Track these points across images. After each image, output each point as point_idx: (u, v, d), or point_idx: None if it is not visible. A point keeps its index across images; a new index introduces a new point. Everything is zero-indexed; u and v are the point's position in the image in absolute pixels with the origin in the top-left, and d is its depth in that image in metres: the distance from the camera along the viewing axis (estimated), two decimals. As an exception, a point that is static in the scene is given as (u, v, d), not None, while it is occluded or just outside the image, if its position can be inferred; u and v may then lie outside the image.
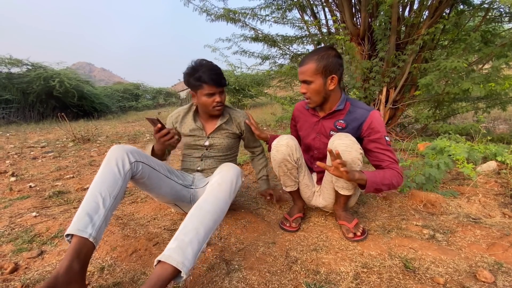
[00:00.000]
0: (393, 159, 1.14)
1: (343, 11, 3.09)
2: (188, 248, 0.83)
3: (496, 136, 2.92)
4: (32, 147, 3.65)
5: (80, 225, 0.83)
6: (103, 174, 0.96)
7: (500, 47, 2.51)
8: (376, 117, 1.15)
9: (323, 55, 1.12)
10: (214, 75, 1.23)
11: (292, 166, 1.25)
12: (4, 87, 7.57)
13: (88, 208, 0.88)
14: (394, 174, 1.10)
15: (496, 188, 1.74)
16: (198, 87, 1.24)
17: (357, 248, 1.13)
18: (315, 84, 1.14)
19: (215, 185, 1.00)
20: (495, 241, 1.15)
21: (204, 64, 1.25)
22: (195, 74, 1.23)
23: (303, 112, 1.35)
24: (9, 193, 1.83)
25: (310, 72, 1.12)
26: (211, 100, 1.27)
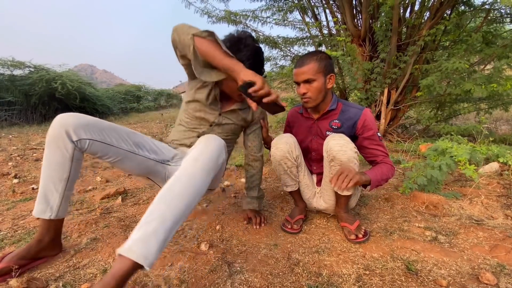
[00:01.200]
0: (385, 153, 1.24)
1: (344, 13, 3.10)
2: (151, 239, 0.72)
3: (499, 137, 2.92)
4: (35, 148, 3.66)
5: (39, 209, 0.96)
6: (50, 157, 0.92)
7: (502, 48, 2.50)
8: (369, 115, 1.22)
9: (321, 56, 1.17)
10: (258, 64, 1.11)
11: (292, 163, 1.26)
12: (7, 89, 7.61)
13: (44, 192, 0.96)
14: (389, 168, 1.20)
15: (499, 189, 1.74)
16: None
17: (359, 250, 1.13)
18: (318, 83, 1.17)
19: (190, 161, 0.85)
20: (498, 243, 1.14)
21: (250, 46, 1.08)
22: (238, 54, 1.04)
23: (297, 117, 1.38)
24: (12, 195, 1.83)
25: (313, 71, 1.15)
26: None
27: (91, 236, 1.23)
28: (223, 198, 1.73)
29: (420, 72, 2.87)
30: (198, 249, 1.13)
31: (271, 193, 1.78)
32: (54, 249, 1.05)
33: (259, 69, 1.13)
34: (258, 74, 0.98)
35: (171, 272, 0.99)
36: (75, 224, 1.32)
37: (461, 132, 2.70)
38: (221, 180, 1.42)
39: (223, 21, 3.36)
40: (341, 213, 1.30)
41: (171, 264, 1.03)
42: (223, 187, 1.92)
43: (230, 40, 1.10)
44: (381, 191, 1.79)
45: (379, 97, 3.06)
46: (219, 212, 1.48)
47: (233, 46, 1.07)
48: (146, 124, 6.95)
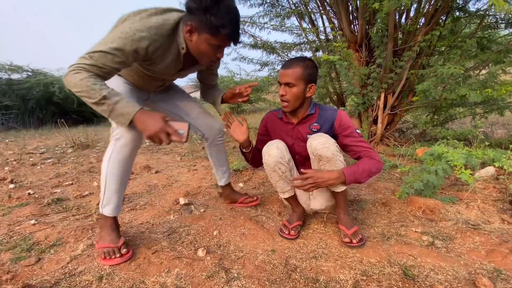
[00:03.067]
0: (367, 148, 1.22)
1: (340, 19, 3.13)
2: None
3: (494, 141, 2.94)
4: (31, 153, 3.64)
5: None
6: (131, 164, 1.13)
7: (496, 53, 2.54)
8: (343, 114, 1.26)
9: (308, 64, 1.19)
10: (237, 29, 1.02)
11: (286, 167, 1.27)
12: (4, 93, 7.59)
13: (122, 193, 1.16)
14: (372, 162, 1.18)
15: (495, 193, 1.75)
16: (209, 31, 0.97)
17: (356, 255, 1.13)
18: (297, 89, 1.19)
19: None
20: (494, 247, 1.15)
21: (232, 8, 0.97)
22: (217, 16, 0.93)
23: (276, 121, 1.38)
24: (8, 200, 1.82)
25: (296, 76, 1.17)
26: (213, 52, 1.04)
27: (87, 242, 1.22)
28: (220, 203, 1.73)
29: (416, 77, 2.89)
30: (195, 255, 1.12)
31: (269, 197, 1.78)
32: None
33: (237, 34, 1.03)
34: (236, 40, 1.04)
35: (168, 279, 0.99)
36: (71, 230, 1.31)
37: (457, 136, 2.72)
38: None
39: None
40: (341, 215, 1.30)
41: (168, 271, 1.03)
42: (220, 192, 1.91)
43: None
44: (378, 195, 1.80)
45: (376, 102, 3.09)
46: (216, 218, 1.48)
47: (214, 5, 0.93)
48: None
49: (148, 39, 0.95)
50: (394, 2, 2.10)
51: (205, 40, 0.99)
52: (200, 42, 1.00)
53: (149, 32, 0.94)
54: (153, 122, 0.93)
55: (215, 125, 1.46)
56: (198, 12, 0.94)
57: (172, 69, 1.14)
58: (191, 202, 1.74)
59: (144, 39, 0.94)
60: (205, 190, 1.99)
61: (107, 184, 1.11)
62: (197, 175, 2.34)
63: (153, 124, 0.93)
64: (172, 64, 1.11)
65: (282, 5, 3.63)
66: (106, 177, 1.11)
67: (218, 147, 1.53)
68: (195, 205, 1.70)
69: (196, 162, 2.88)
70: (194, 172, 2.45)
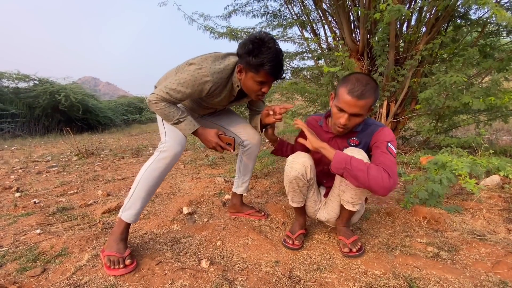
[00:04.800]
0: (386, 162, 1.02)
1: (342, 28, 3.17)
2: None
3: (499, 149, 2.92)
4: (37, 161, 3.69)
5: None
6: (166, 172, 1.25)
7: (498, 61, 2.54)
8: (385, 130, 1.16)
9: (376, 88, 1.07)
10: (278, 67, 1.16)
11: (304, 184, 1.24)
12: (11, 102, 7.73)
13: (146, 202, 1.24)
14: (378, 168, 0.99)
15: (500, 203, 1.73)
16: (253, 70, 1.15)
17: (360, 267, 1.12)
18: (362, 118, 1.11)
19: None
20: (500, 259, 1.14)
21: (272, 49, 1.13)
22: (258, 57, 1.12)
23: (316, 127, 1.33)
24: (13, 209, 1.84)
25: (367, 107, 1.06)
26: (258, 88, 1.21)
27: (92, 252, 1.23)
28: (223, 212, 1.73)
29: (419, 85, 2.90)
30: (198, 266, 1.12)
31: (272, 207, 1.78)
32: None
33: (278, 72, 1.18)
34: (278, 76, 1.20)
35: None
36: (76, 240, 1.32)
37: (461, 144, 2.70)
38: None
39: (225, 37, 3.45)
40: (340, 226, 1.30)
41: (172, 282, 1.03)
42: (224, 201, 1.92)
43: (253, 42, 1.13)
44: (382, 204, 1.79)
45: (379, 110, 3.09)
46: (219, 228, 1.48)
47: (255, 48, 1.12)
48: (148, 136, 6.99)
49: (212, 82, 1.18)
50: (394, 13, 2.13)
51: (251, 77, 1.18)
52: (247, 79, 1.20)
53: (212, 77, 1.17)
54: (211, 138, 1.27)
55: (256, 136, 1.57)
56: (245, 55, 1.15)
57: (225, 102, 1.36)
58: (194, 212, 1.74)
59: (208, 82, 1.17)
60: (208, 199, 1.99)
61: (137, 189, 1.20)
62: (200, 184, 2.35)
63: (211, 140, 1.27)
64: (226, 98, 1.32)
65: (285, 15, 3.69)
66: (139, 182, 1.20)
67: (250, 156, 1.61)
68: (198, 215, 1.71)
69: (199, 170, 2.89)
70: (197, 181, 2.46)
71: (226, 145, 1.28)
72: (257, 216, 1.63)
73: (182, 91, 1.16)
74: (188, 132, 1.25)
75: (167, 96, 1.17)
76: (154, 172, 1.20)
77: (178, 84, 1.16)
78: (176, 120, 1.22)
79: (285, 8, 3.66)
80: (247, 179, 1.66)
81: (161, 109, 1.19)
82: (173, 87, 1.16)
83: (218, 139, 1.27)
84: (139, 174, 1.21)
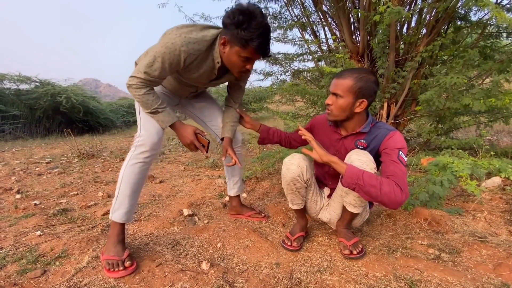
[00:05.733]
0: (397, 173, 1.00)
1: (342, 30, 3.18)
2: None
3: (500, 150, 2.91)
4: (38, 162, 3.69)
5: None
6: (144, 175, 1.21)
7: (499, 63, 2.54)
8: (397, 135, 1.12)
9: (363, 77, 1.10)
10: (266, 44, 1.08)
11: (302, 185, 1.25)
12: (12, 103, 7.76)
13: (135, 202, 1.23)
14: (390, 183, 0.97)
15: (502, 204, 1.73)
16: (239, 44, 1.06)
17: (361, 269, 1.12)
18: (344, 101, 1.12)
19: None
20: (502, 261, 1.13)
21: (262, 24, 1.04)
22: (247, 30, 1.02)
23: (325, 126, 1.32)
24: (14, 211, 1.84)
25: (344, 87, 1.10)
26: (243, 64, 1.13)
27: (92, 254, 1.22)
28: (223, 214, 1.73)
29: (419, 86, 2.90)
30: (199, 268, 1.12)
31: (273, 208, 1.77)
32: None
33: (266, 49, 1.10)
34: (265, 54, 1.12)
35: (172, 292, 0.98)
36: (76, 242, 1.32)
37: (462, 145, 2.70)
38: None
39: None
40: (340, 228, 1.30)
41: (172, 284, 1.03)
42: (224, 203, 1.92)
43: (243, 13, 1.03)
44: (383, 206, 1.78)
45: (379, 111, 3.09)
46: (220, 229, 1.48)
47: (245, 21, 1.02)
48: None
49: (187, 53, 1.08)
50: (394, 15, 2.13)
51: (236, 52, 1.09)
52: (232, 54, 1.10)
53: (187, 47, 1.07)
54: (187, 135, 1.20)
55: (237, 135, 1.53)
56: (231, 27, 1.05)
57: (205, 79, 1.26)
58: (194, 213, 1.74)
59: (183, 52, 1.07)
60: (208, 200, 1.99)
61: (121, 188, 1.17)
62: (201, 185, 2.35)
63: (186, 136, 1.20)
64: (206, 74, 1.23)
65: (285, 17, 3.70)
66: (122, 181, 1.18)
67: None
68: (198, 216, 1.71)
69: (200, 172, 2.89)
70: (197, 182, 2.46)
71: (200, 145, 1.20)
72: (257, 217, 1.62)
73: (158, 66, 1.07)
74: (165, 125, 1.18)
75: (145, 76, 1.09)
76: (134, 168, 1.16)
77: (154, 59, 1.06)
78: (154, 109, 1.14)
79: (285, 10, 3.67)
80: (238, 180, 1.63)
81: (140, 96, 1.11)
82: (149, 63, 1.07)
83: (194, 138, 1.20)
84: (120, 173, 1.18)
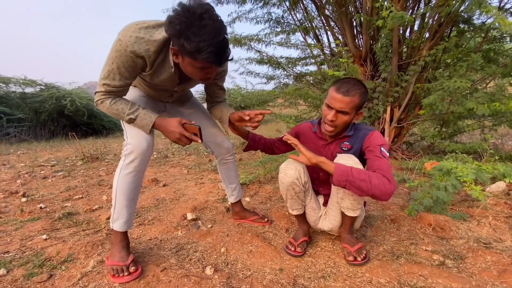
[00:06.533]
0: (382, 166, 1.05)
1: (345, 34, 3.19)
2: None
3: (505, 154, 2.89)
4: (43, 165, 3.73)
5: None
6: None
7: (502, 67, 2.54)
8: (376, 133, 1.19)
9: (363, 92, 1.14)
10: (219, 51, 0.91)
11: (300, 189, 1.26)
12: (18, 106, 7.85)
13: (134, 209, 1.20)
14: (378, 175, 1.00)
15: (506, 210, 1.71)
16: (188, 56, 0.93)
17: (365, 276, 1.12)
18: (349, 117, 1.14)
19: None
20: (506, 267, 1.12)
21: (208, 28, 0.86)
22: (190, 40, 0.86)
23: (309, 133, 1.35)
24: (20, 214, 1.86)
25: (352, 105, 1.12)
26: (201, 73, 1.00)
27: (97, 258, 1.24)
28: (227, 219, 1.74)
29: (422, 90, 2.90)
30: (203, 273, 1.13)
31: (276, 213, 1.78)
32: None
33: (221, 57, 0.94)
34: (220, 63, 0.95)
35: (176, 298, 0.99)
36: (81, 246, 1.34)
37: (466, 149, 2.69)
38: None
39: (229, 43, 3.50)
40: (343, 234, 1.30)
41: (177, 289, 1.03)
42: (227, 207, 1.92)
43: (180, 20, 0.86)
44: (386, 211, 1.78)
45: (382, 115, 3.09)
46: (223, 234, 1.48)
47: (185, 29, 0.86)
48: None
49: (136, 53, 0.97)
50: (397, 20, 2.14)
51: (189, 63, 0.96)
52: (185, 65, 0.99)
53: (133, 47, 0.95)
54: (173, 129, 1.07)
55: (224, 143, 1.48)
56: (174, 38, 0.92)
57: (170, 84, 1.16)
58: (198, 217, 1.75)
59: (132, 53, 0.96)
60: (212, 204, 2.00)
61: (117, 199, 1.14)
62: (204, 189, 2.36)
63: (173, 131, 1.07)
64: (168, 80, 1.12)
65: (288, 22, 3.73)
66: (116, 192, 1.14)
67: (227, 165, 1.55)
68: (202, 220, 1.71)
69: (203, 175, 2.90)
70: (201, 186, 2.47)
71: (192, 135, 1.09)
72: (260, 222, 1.63)
73: (115, 73, 0.99)
74: (147, 128, 1.08)
75: (105, 88, 1.02)
76: (126, 179, 1.11)
77: (108, 68, 0.99)
78: (128, 117, 1.06)
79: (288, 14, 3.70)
80: (235, 186, 1.61)
81: (108, 108, 1.05)
82: (106, 74, 1.00)
83: (182, 129, 1.07)
84: (114, 183, 1.14)
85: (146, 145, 1.10)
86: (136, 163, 1.10)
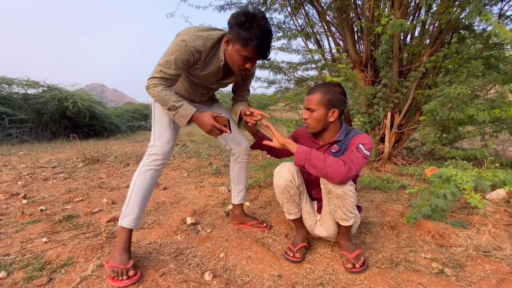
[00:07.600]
0: (348, 156, 1.13)
1: (346, 40, 3.21)
2: None
3: (506, 161, 2.89)
4: (44, 167, 3.75)
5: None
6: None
7: (503, 75, 2.54)
8: (363, 136, 1.23)
9: (330, 90, 1.23)
10: (266, 46, 1.15)
11: (295, 191, 1.29)
12: (20, 107, 7.91)
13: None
14: (335, 159, 1.11)
15: (506, 218, 1.71)
16: (240, 43, 1.14)
17: (364, 283, 1.12)
18: (317, 113, 1.24)
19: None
20: (505, 276, 1.12)
21: (263, 28, 1.11)
22: (248, 31, 1.10)
23: (305, 137, 1.42)
24: (21, 216, 1.87)
25: (315, 101, 1.23)
26: (242, 62, 1.20)
27: (97, 262, 1.24)
28: (226, 223, 1.74)
29: (423, 96, 2.91)
30: (201, 279, 1.13)
31: (276, 218, 1.78)
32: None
33: (265, 51, 1.17)
34: (264, 56, 1.19)
35: (175, 303, 0.99)
36: (81, 249, 1.34)
37: (467, 156, 2.68)
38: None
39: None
40: (342, 241, 1.31)
41: (175, 295, 1.03)
42: (227, 211, 1.93)
43: (246, 15, 1.11)
44: (386, 218, 1.78)
45: (383, 121, 3.10)
46: (223, 239, 1.49)
47: (247, 21, 1.10)
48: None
49: (194, 48, 1.17)
50: (397, 27, 2.16)
51: (237, 50, 1.16)
52: (233, 52, 1.18)
53: (194, 43, 1.16)
54: (207, 121, 1.22)
55: (243, 143, 1.59)
56: (235, 26, 1.13)
57: (213, 78, 1.34)
58: (198, 222, 1.75)
59: (192, 48, 1.16)
60: (211, 208, 2.00)
61: (133, 194, 1.24)
62: (204, 193, 2.37)
63: (207, 124, 1.22)
64: (213, 73, 1.31)
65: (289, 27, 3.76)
66: (134, 187, 1.25)
67: (241, 164, 1.63)
68: (202, 225, 1.72)
69: (203, 179, 2.91)
70: (201, 189, 2.48)
71: (222, 126, 1.24)
72: (260, 227, 1.63)
73: (172, 63, 1.16)
74: (186, 118, 1.21)
75: (161, 75, 1.17)
76: (146, 174, 1.26)
77: (167, 58, 1.16)
78: (171, 105, 1.19)
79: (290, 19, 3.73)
80: (243, 188, 1.67)
81: (158, 93, 1.18)
82: (163, 62, 1.16)
83: (214, 121, 1.23)
84: (133, 179, 1.27)
85: (169, 148, 1.30)
86: (158, 162, 1.27)
